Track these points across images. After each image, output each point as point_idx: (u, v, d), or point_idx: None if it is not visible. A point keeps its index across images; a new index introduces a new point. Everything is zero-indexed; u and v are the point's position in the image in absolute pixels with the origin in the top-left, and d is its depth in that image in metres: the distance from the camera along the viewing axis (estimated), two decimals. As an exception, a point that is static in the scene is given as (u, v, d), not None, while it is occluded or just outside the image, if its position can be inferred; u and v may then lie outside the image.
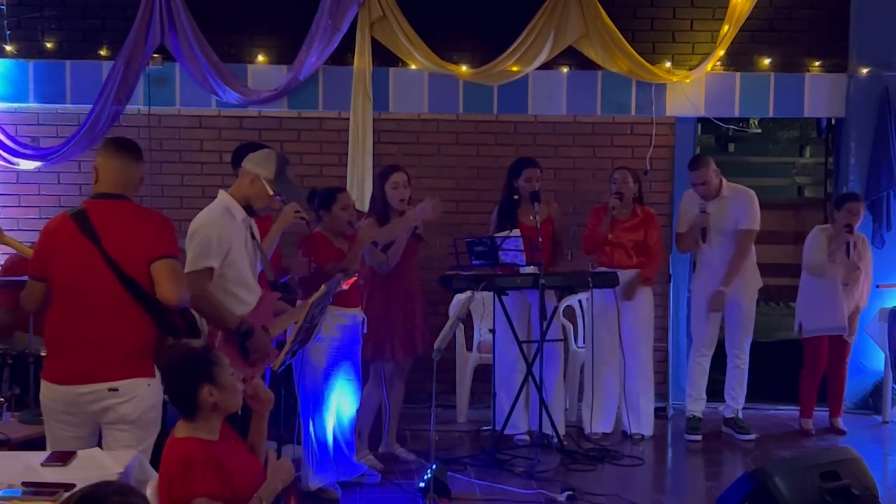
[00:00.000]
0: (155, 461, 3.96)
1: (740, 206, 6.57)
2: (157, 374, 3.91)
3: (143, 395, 3.88)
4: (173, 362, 3.31)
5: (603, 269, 6.45)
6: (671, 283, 7.15)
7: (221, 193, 4.36)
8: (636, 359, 6.54)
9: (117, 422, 3.89)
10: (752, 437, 6.65)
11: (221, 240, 4.18)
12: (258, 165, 4.34)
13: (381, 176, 5.81)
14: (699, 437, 6.65)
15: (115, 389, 3.83)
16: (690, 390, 6.78)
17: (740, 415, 6.77)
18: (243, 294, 4.30)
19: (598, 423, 6.55)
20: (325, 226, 5.41)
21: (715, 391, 6.99)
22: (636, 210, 6.53)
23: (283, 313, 4.61)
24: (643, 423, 6.61)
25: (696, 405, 6.75)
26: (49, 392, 3.92)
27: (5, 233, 5.52)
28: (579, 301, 6.99)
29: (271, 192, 4.36)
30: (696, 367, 6.73)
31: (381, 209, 5.71)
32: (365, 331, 5.47)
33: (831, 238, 6.63)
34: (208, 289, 4.16)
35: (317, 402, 5.27)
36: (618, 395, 6.61)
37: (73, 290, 3.88)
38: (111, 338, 3.84)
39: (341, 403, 5.40)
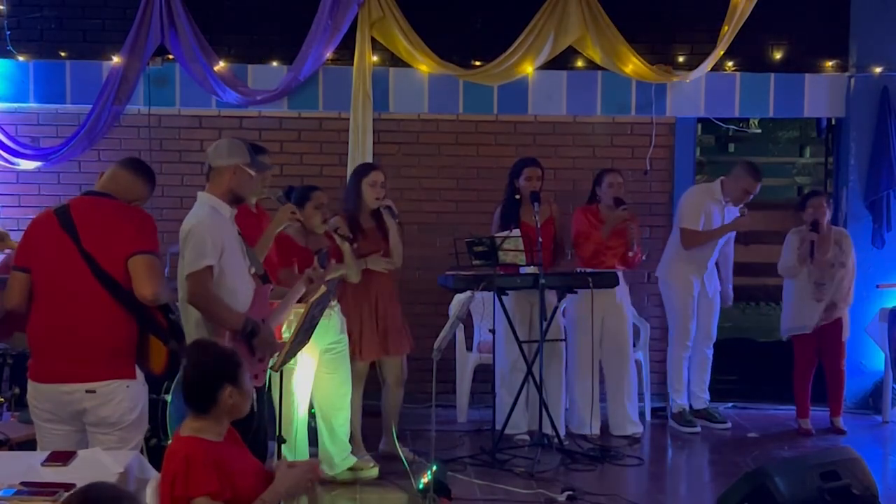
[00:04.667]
0: (154, 463, 3.98)
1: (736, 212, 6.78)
2: (139, 374, 3.94)
3: (122, 397, 3.88)
4: (202, 359, 3.31)
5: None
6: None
7: (202, 194, 4.31)
8: (623, 359, 6.56)
9: (98, 424, 3.89)
10: (728, 425, 6.84)
11: (216, 237, 4.17)
12: (233, 156, 4.30)
13: (359, 173, 5.83)
14: (698, 429, 6.73)
15: (93, 391, 3.83)
16: (677, 385, 6.86)
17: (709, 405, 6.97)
18: (240, 289, 4.30)
19: (592, 425, 6.54)
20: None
21: (716, 391, 7.04)
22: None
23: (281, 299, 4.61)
24: (632, 423, 6.62)
25: (684, 398, 6.87)
26: (34, 391, 3.94)
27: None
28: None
29: (253, 174, 4.37)
30: (684, 361, 6.86)
31: (354, 206, 5.72)
32: (343, 331, 5.51)
33: (803, 240, 6.67)
34: (211, 288, 4.15)
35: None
36: (607, 397, 6.66)
37: (51, 284, 3.88)
38: (88, 335, 3.83)
39: (323, 400, 5.44)
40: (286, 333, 4.80)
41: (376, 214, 5.77)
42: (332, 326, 5.44)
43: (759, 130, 9.03)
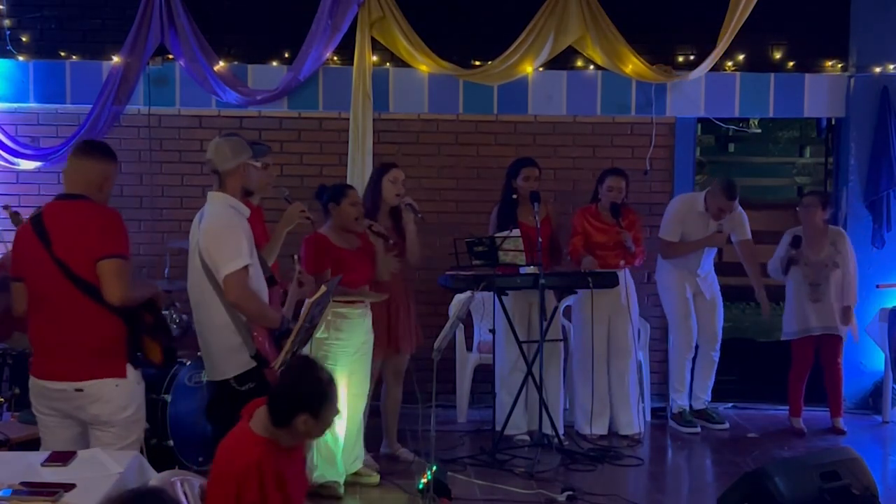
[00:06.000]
0: (154, 463, 3.98)
1: (736, 216, 6.79)
2: (131, 373, 3.99)
3: (111, 396, 3.94)
4: (292, 378, 3.32)
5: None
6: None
7: (217, 195, 4.30)
8: (626, 359, 6.56)
9: (92, 422, 3.97)
10: (726, 425, 6.85)
11: (246, 237, 4.19)
12: (238, 156, 4.32)
13: (380, 170, 5.86)
14: (698, 429, 6.75)
15: (81, 390, 3.91)
16: (678, 385, 6.90)
17: (708, 405, 7.00)
18: (261, 290, 4.32)
19: (595, 425, 6.54)
20: (331, 222, 5.42)
21: (716, 391, 7.04)
22: (625, 212, 6.56)
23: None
24: (636, 422, 6.64)
25: (685, 399, 6.90)
26: (32, 386, 4.05)
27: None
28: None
29: (259, 165, 4.46)
30: (687, 362, 6.89)
31: (373, 203, 5.74)
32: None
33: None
34: (250, 287, 4.15)
35: None
36: (611, 396, 6.65)
37: (35, 291, 3.98)
38: (73, 338, 3.91)
39: (348, 400, 5.41)
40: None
41: (394, 214, 5.78)
42: (365, 326, 5.45)
43: (759, 130, 9.04)
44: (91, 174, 4.05)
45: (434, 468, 4.99)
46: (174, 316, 5.88)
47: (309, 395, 3.24)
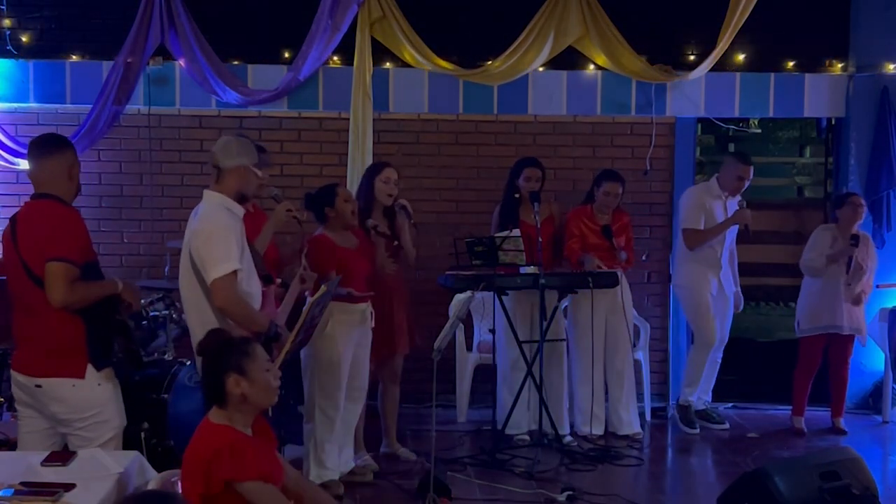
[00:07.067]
0: (154, 463, 3.98)
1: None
2: (91, 374, 4.03)
3: (67, 396, 3.99)
4: (207, 348, 3.36)
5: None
6: (671, 283, 7.15)
7: (213, 194, 4.27)
8: (624, 358, 6.57)
9: (54, 420, 4.05)
10: (726, 425, 6.84)
11: (238, 239, 4.17)
12: (242, 156, 4.30)
13: (372, 170, 5.87)
14: (698, 430, 6.76)
15: (40, 386, 4.01)
16: (690, 381, 6.87)
17: (709, 406, 6.99)
18: (254, 292, 4.31)
19: (593, 425, 6.53)
20: (329, 224, 5.40)
21: (716, 391, 7.05)
22: (618, 214, 6.58)
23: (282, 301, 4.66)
24: (636, 422, 6.63)
25: (695, 395, 6.88)
26: (11, 376, 4.15)
27: None
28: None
29: (259, 174, 4.43)
30: (709, 361, 6.83)
31: (366, 203, 5.73)
32: (373, 325, 5.49)
33: (835, 238, 6.65)
34: (238, 292, 4.13)
35: (323, 398, 5.29)
36: (610, 396, 6.66)
37: (9, 287, 4.10)
38: (35, 334, 4.01)
39: (346, 402, 5.41)
40: None
41: (388, 213, 5.78)
42: (367, 324, 5.46)
43: (759, 130, 9.03)
44: (51, 168, 4.10)
45: (434, 468, 4.99)
46: (174, 316, 5.88)
47: (225, 354, 3.28)
